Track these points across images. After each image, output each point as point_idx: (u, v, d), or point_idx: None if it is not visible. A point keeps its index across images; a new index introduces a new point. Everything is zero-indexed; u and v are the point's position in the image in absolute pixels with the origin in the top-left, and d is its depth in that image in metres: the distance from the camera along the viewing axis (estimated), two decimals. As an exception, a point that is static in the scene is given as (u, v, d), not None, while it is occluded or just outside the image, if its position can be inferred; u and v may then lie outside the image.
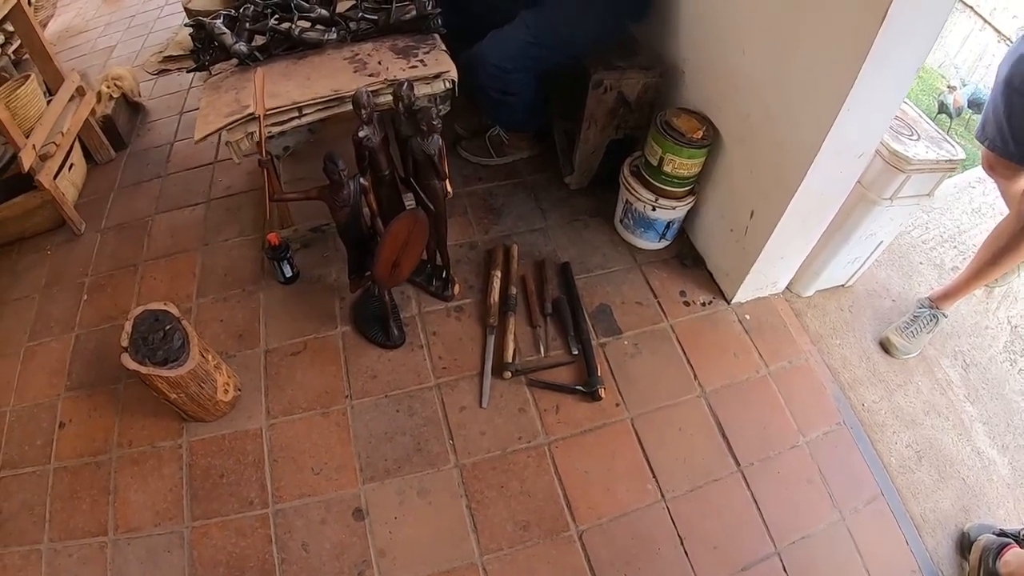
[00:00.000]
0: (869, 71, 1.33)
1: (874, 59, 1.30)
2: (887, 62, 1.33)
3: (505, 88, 1.99)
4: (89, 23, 3.93)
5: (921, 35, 1.34)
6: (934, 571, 1.61)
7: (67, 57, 3.34)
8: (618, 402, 1.78)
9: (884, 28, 1.24)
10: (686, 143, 1.81)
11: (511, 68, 1.92)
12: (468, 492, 1.61)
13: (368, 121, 1.52)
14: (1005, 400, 1.99)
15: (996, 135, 1.84)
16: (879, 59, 1.31)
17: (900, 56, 1.35)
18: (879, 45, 1.28)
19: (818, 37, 1.43)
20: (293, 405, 1.76)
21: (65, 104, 2.33)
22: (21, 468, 1.72)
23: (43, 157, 2.19)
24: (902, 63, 1.38)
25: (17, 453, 1.75)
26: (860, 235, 1.90)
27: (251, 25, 1.81)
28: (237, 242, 2.20)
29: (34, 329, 2.04)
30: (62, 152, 2.27)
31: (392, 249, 1.54)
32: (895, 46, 1.30)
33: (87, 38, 3.75)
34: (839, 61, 1.37)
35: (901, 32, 1.27)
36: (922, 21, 1.29)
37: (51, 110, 2.26)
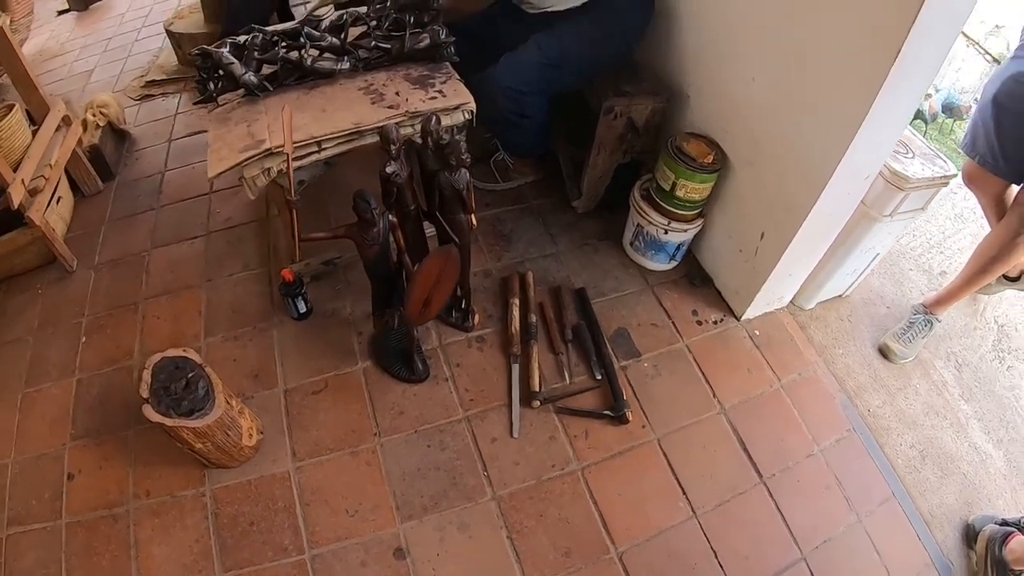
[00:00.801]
0: (882, 101, 1.39)
1: (888, 89, 1.36)
2: (899, 90, 1.39)
3: (522, 111, 1.99)
4: (64, 46, 3.78)
5: (930, 63, 1.40)
6: (945, 563, 1.70)
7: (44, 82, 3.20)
8: (644, 424, 1.81)
9: (899, 60, 1.30)
10: (698, 168, 1.85)
11: (527, 91, 1.93)
12: (508, 523, 1.61)
13: (396, 156, 1.51)
14: (996, 397, 2.11)
15: (987, 152, 1.94)
16: (892, 88, 1.36)
17: (911, 84, 1.41)
18: (893, 75, 1.33)
19: (833, 69, 1.47)
20: (320, 446, 1.73)
21: (52, 134, 2.24)
22: (30, 524, 1.64)
23: (32, 192, 2.09)
24: (912, 90, 1.44)
25: (24, 508, 1.66)
26: (861, 249, 1.98)
27: (260, 54, 1.76)
28: (242, 276, 2.14)
29: (31, 374, 1.95)
30: (51, 186, 2.18)
31: (424, 287, 1.54)
32: (907, 76, 1.35)
33: (63, 62, 3.60)
34: (855, 91, 1.42)
35: (913, 62, 1.32)
36: (932, 50, 1.35)
37: (38, 141, 2.17)
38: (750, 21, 1.69)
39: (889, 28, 1.29)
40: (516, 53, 1.92)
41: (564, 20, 1.94)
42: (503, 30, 1.98)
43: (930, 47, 1.33)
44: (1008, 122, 1.87)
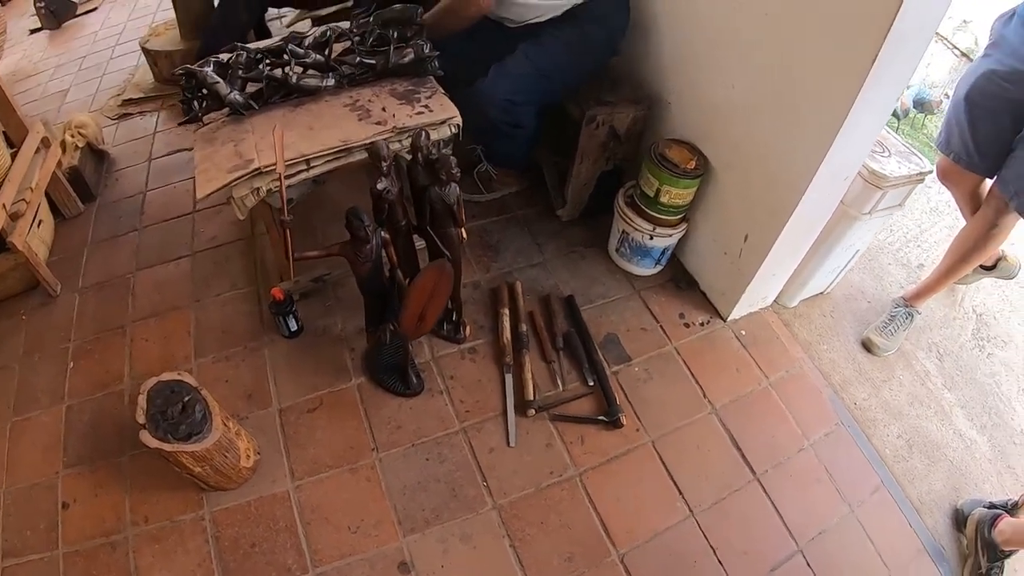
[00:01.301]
0: (860, 104, 1.43)
1: (866, 93, 1.40)
2: (876, 94, 1.43)
3: (516, 121, 2.00)
4: (37, 65, 3.71)
5: (906, 67, 1.45)
6: (937, 548, 1.75)
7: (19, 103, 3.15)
8: (638, 427, 1.84)
9: (875, 65, 1.34)
10: (681, 174, 1.88)
11: (520, 100, 1.94)
12: (510, 532, 1.63)
13: (387, 173, 1.52)
14: (978, 384, 2.17)
15: (962, 149, 1.99)
16: (870, 92, 1.40)
17: (888, 87, 1.45)
18: (871, 80, 1.37)
19: (812, 75, 1.51)
20: (318, 464, 1.73)
21: (31, 157, 2.20)
22: (27, 556, 1.60)
23: (13, 216, 2.05)
24: (888, 93, 1.49)
25: (19, 540, 1.63)
26: (841, 247, 2.03)
27: (244, 73, 1.74)
28: (230, 296, 2.13)
29: (18, 402, 1.91)
30: (32, 209, 2.14)
31: (419, 302, 1.54)
32: (884, 80, 1.40)
33: (37, 81, 3.54)
34: (834, 95, 1.46)
35: (889, 67, 1.37)
36: (908, 53, 1.40)
37: (18, 165, 2.13)
38: (728, 28, 1.72)
39: (866, 35, 1.33)
40: (505, 64, 1.93)
41: (547, 30, 1.96)
42: (485, 44, 1.98)
43: (906, 52, 1.38)
44: (981, 119, 1.93)
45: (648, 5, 2.00)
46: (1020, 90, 1.80)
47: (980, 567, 1.70)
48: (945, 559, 1.75)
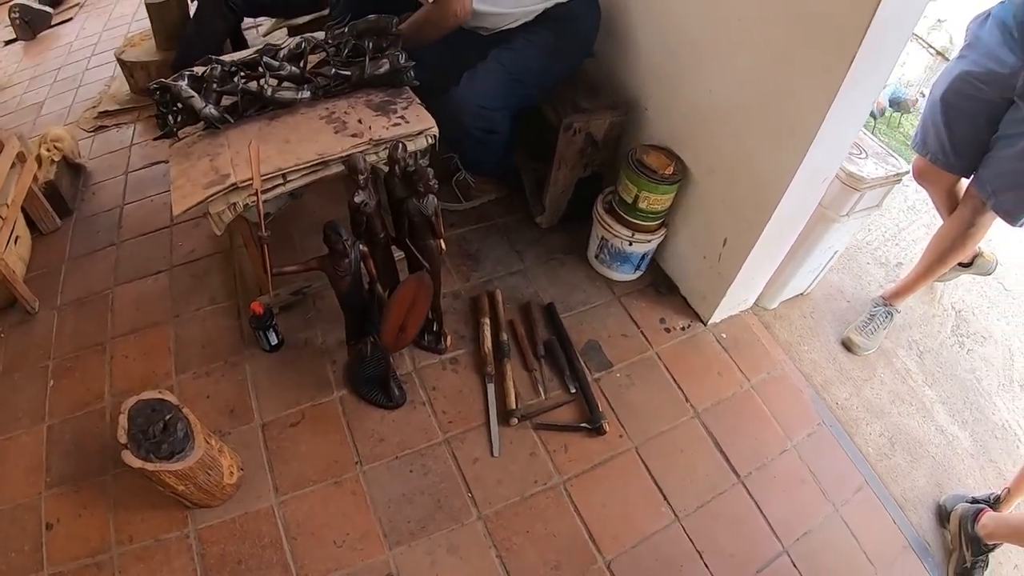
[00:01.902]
0: (837, 107, 1.44)
1: (842, 96, 1.41)
2: (853, 97, 1.45)
3: (491, 127, 2.00)
4: (11, 78, 3.65)
5: (882, 68, 1.47)
6: (921, 544, 1.78)
7: (-8, 117, 3.13)
8: (621, 433, 1.85)
9: (852, 69, 1.36)
10: (659, 180, 1.89)
11: (495, 106, 1.94)
12: (496, 542, 1.63)
13: (364, 186, 1.51)
14: (958, 379, 2.20)
15: (938, 149, 2.02)
16: (847, 95, 1.42)
17: (864, 90, 1.47)
18: (847, 83, 1.39)
19: (788, 79, 1.53)
20: (302, 478, 1.72)
21: (6, 172, 2.16)
22: None
23: (-10, 232, 2.03)
24: (865, 95, 1.51)
25: (3, 562, 1.60)
26: (820, 249, 2.05)
27: (219, 86, 1.73)
28: (210, 311, 2.11)
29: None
30: (8, 225, 2.11)
31: (399, 314, 1.54)
32: (861, 83, 1.42)
33: (12, 94, 3.48)
34: (810, 99, 1.48)
35: (866, 68, 1.38)
36: (884, 56, 1.42)
37: (-7, 180, 2.10)
38: (704, 34, 1.74)
39: (842, 38, 1.34)
40: (477, 71, 1.93)
41: (520, 35, 1.96)
42: (460, 53, 1.97)
43: (882, 55, 1.40)
44: (957, 120, 1.95)
45: (624, 12, 2.01)
46: (996, 91, 1.83)
47: (965, 561, 1.72)
48: (930, 555, 1.77)
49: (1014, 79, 1.76)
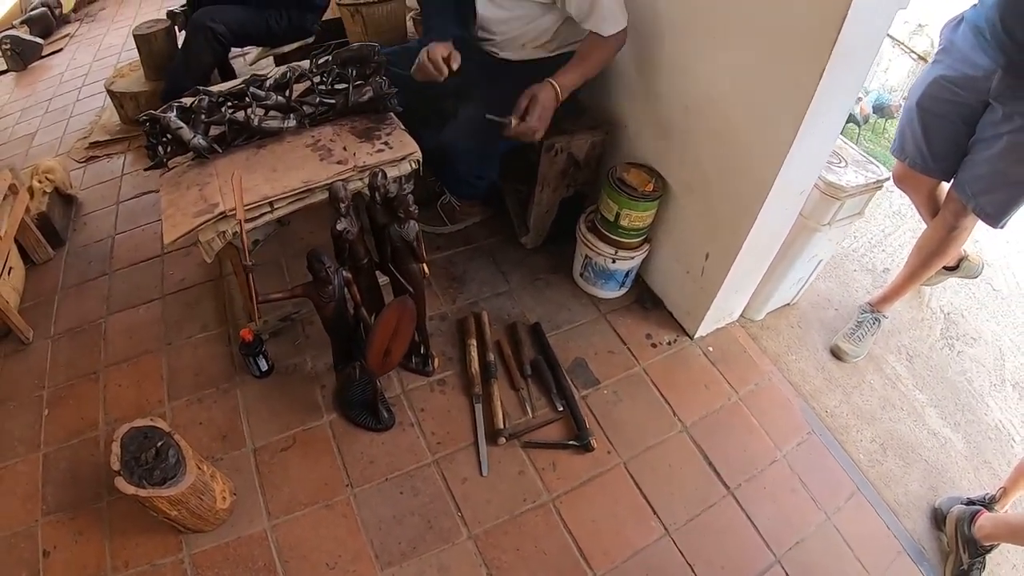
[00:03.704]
0: (811, 119, 1.46)
1: (815, 107, 1.44)
2: (826, 107, 1.46)
3: (481, 173, 2.03)
4: (3, 109, 3.70)
5: (852, 81, 1.49)
6: (917, 549, 1.77)
7: (-16, 149, 3.17)
8: (609, 449, 1.86)
9: (823, 80, 1.38)
10: (640, 197, 1.91)
11: (491, 152, 1.96)
12: (486, 560, 1.63)
13: (346, 213, 1.54)
14: (949, 382, 2.21)
15: (916, 154, 2.03)
16: (819, 106, 1.44)
17: (837, 100, 1.49)
18: (819, 95, 1.41)
19: (761, 93, 1.56)
20: (293, 502, 1.73)
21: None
22: None
23: (-17, 265, 2.06)
24: (838, 105, 1.53)
25: None
26: (804, 259, 2.06)
27: (207, 117, 1.76)
28: (202, 338, 2.13)
29: (-5, 452, 1.90)
30: (2, 256, 2.14)
31: (383, 338, 1.56)
32: (833, 93, 1.44)
33: (3, 125, 3.53)
34: (784, 112, 1.50)
35: (836, 81, 1.40)
36: (854, 69, 1.44)
37: (-13, 213, 2.13)
38: (677, 50, 1.77)
39: (812, 51, 1.37)
40: (471, 117, 1.90)
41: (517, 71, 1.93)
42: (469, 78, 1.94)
43: (852, 65, 1.42)
44: (934, 124, 1.96)
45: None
46: (971, 94, 1.84)
47: (962, 563, 1.71)
48: (926, 559, 1.76)
49: (988, 82, 1.78)
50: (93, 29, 4.54)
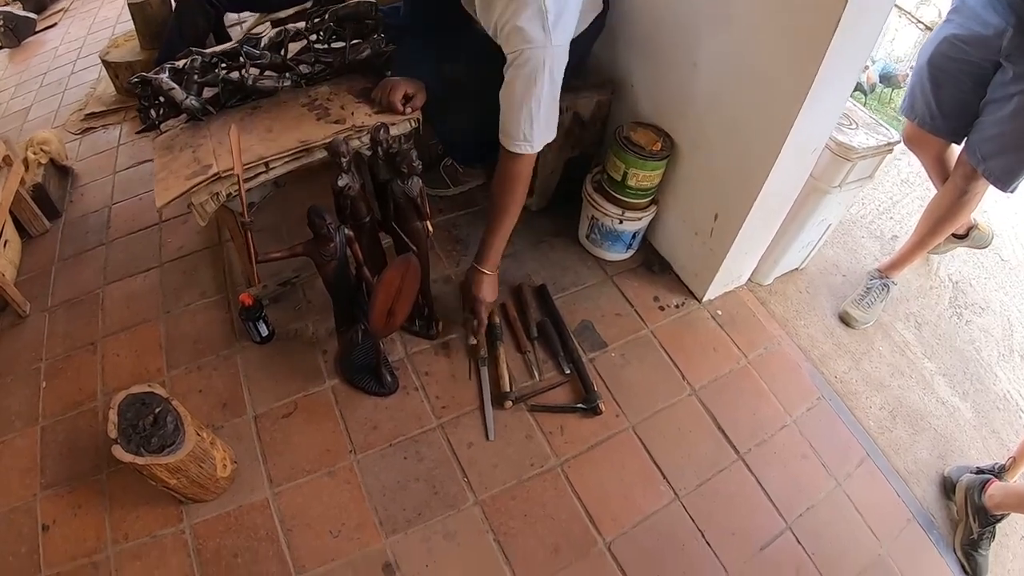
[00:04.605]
0: (824, 74, 1.42)
1: (829, 62, 1.39)
2: (840, 62, 1.42)
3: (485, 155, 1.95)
4: (-3, 85, 3.66)
5: (868, 34, 1.45)
6: (926, 517, 1.76)
7: (-22, 124, 3.12)
8: (618, 413, 1.83)
9: (837, 33, 1.33)
10: (648, 156, 1.87)
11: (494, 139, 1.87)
12: (493, 527, 1.61)
13: (347, 169, 1.49)
14: (958, 351, 2.18)
15: (926, 113, 2.01)
16: (833, 61, 1.39)
17: (851, 55, 1.45)
18: (833, 48, 1.36)
19: (773, 48, 1.51)
20: (296, 469, 1.70)
21: (-7, 177, 2.16)
22: None
23: (-24, 239, 2.02)
24: (852, 61, 1.49)
25: (1, 567, 1.59)
26: (813, 222, 2.03)
27: (200, 77, 1.72)
28: (201, 305, 2.09)
29: (-8, 427, 1.87)
30: (-3, 230, 2.11)
31: (386, 298, 1.52)
32: (847, 48, 1.39)
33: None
34: (796, 67, 1.46)
35: (850, 36, 1.36)
36: (868, 22, 1.39)
37: (-21, 185, 2.09)
38: (686, 7, 1.71)
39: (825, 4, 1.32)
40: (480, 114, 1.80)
41: None
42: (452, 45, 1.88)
43: (866, 19, 1.37)
44: (944, 83, 1.94)
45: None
46: (981, 53, 1.82)
47: (972, 532, 1.70)
48: (935, 527, 1.75)
49: (999, 40, 1.75)
50: (87, 3, 4.45)
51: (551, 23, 1.44)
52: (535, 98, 1.52)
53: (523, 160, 1.65)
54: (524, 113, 1.55)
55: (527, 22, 1.44)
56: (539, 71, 1.49)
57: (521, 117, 1.56)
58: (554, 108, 1.60)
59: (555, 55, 1.49)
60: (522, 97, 1.53)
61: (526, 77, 1.50)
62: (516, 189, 1.71)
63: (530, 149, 1.62)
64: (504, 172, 1.69)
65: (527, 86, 1.51)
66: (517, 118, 1.56)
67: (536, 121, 1.57)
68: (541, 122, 1.58)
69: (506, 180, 1.69)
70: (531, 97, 1.52)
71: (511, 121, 1.58)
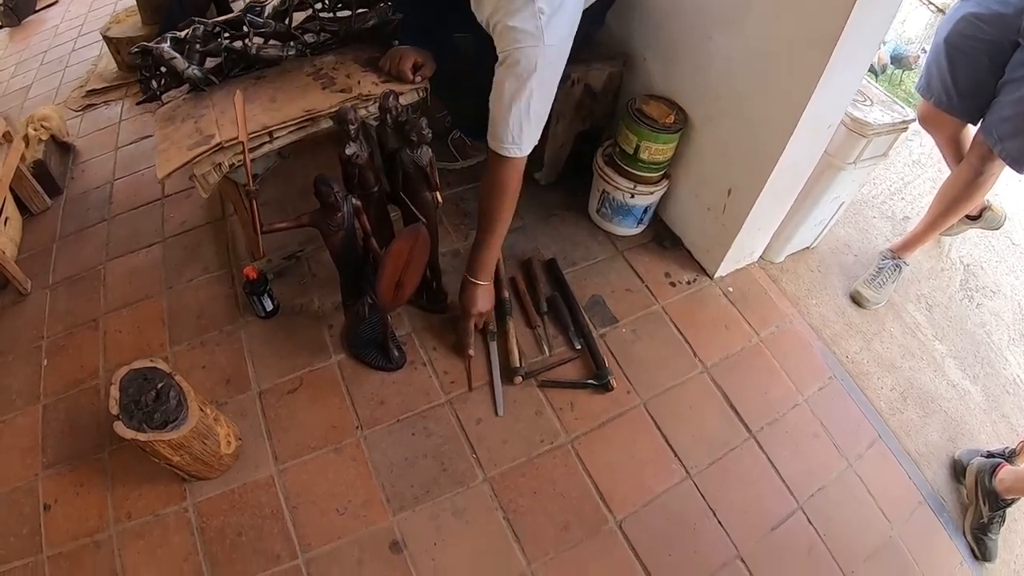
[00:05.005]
0: (841, 50, 1.39)
1: (847, 35, 1.36)
2: (858, 37, 1.39)
3: None
4: (-3, 65, 3.62)
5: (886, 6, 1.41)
6: (937, 499, 1.75)
7: (-21, 104, 3.08)
8: (629, 389, 1.80)
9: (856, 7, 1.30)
10: (660, 129, 1.83)
11: None
12: (503, 504, 1.58)
13: (355, 137, 1.46)
14: (969, 334, 2.16)
15: (942, 92, 1.99)
16: (851, 35, 1.37)
17: (869, 29, 1.42)
18: (851, 22, 1.34)
19: (791, 20, 1.47)
20: (301, 446, 1.67)
21: (-8, 152, 2.12)
22: (10, 563, 1.53)
23: (-24, 216, 1.99)
24: (871, 34, 1.45)
25: (2, 547, 1.56)
26: (827, 199, 2.00)
27: (202, 47, 1.68)
28: (203, 280, 2.06)
29: (-7, 407, 1.84)
30: (-3, 207, 2.08)
31: (395, 269, 1.48)
32: (864, 23, 1.37)
33: (-3, 80, 3.44)
34: (815, 40, 1.43)
35: (869, 9, 1.33)
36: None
37: (-22, 162, 2.05)
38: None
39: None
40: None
41: None
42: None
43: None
44: (961, 62, 1.92)
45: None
46: (999, 32, 1.80)
47: (982, 516, 1.69)
48: (945, 510, 1.74)
49: (1018, 20, 1.74)
50: (88, -19, 4.41)
51: (544, 22, 1.37)
52: (525, 100, 1.45)
53: (512, 164, 1.57)
54: (513, 115, 1.47)
55: (520, 21, 1.37)
56: (530, 72, 1.41)
57: (510, 119, 1.48)
58: (545, 110, 1.53)
59: (548, 56, 1.42)
60: (511, 98, 1.45)
61: (516, 78, 1.43)
62: (505, 195, 1.64)
63: (519, 152, 1.55)
64: (493, 177, 1.61)
65: (517, 88, 1.44)
66: (506, 119, 1.48)
67: (527, 124, 1.49)
68: (532, 125, 1.51)
69: (495, 186, 1.62)
70: (521, 99, 1.45)
71: (500, 123, 1.50)
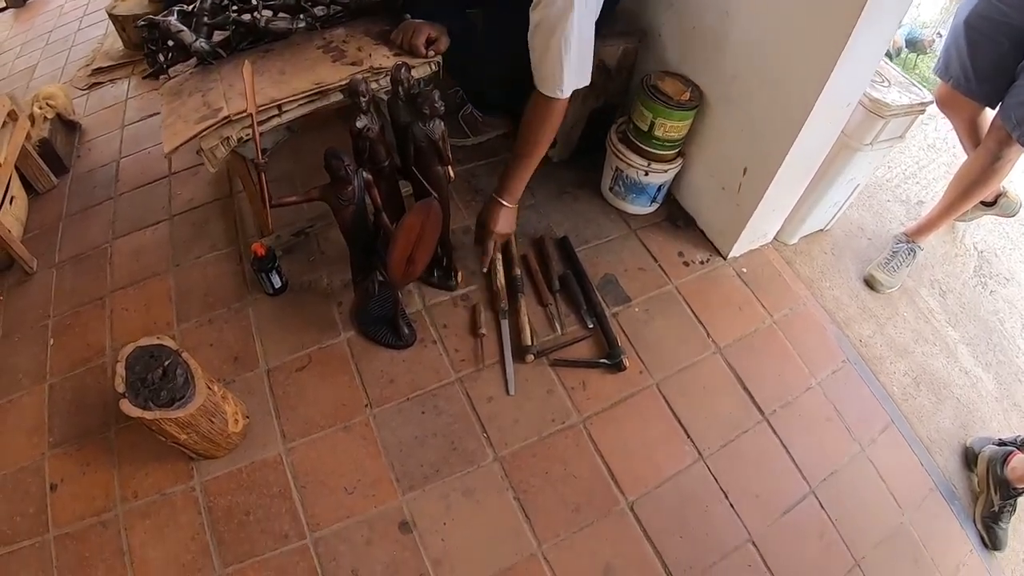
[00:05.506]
0: (862, 26, 1.37)
1: (868, 11, 1.33)
2: (878, 15, 1.36)
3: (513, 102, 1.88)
4: (3, 44, 3.59)
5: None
6: (948, 487, 1.73)
7: (-16, 83, 3.06)
8: (641, 369, 1.78)
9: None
10: (676, 106, 1.80)
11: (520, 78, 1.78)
12: (513, 484, 1.57)
13: (366, 110, 1.43)
14: (982, 321, 2.14)
15: (960, 74, 1.97)
16: (871, 13, 1.34)
17: (889, 8, 1.39)
18: (872, 1, 1.31)
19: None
20: (310, 424, 1.65)
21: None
22: (17, 543, 1.52)
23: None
24: (890, 14, 1.43)
25: (8, 527, 1.55)
26: (842, 181, 1.98)
27: (210, 19, 1.66)
28: (211, 258, 2.03)
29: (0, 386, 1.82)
30: (2, 186, 2.05)
31: (406, 245, 1.46)
32: (885, 1, 1.33)
33: (3, 60, 3.42)
34: (835, 19, 1.40)
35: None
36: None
37: (-16, 140, 2.03)
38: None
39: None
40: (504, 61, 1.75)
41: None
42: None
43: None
44: (980, 44, 1.90)
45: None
46: (1020, 15, 1.77)
47: (992, 505, 1.68)
48: (956, 497, 1.73)
49: None
50: (94, -39, 4.38)
51: None
52: (564, 40, 1.45)
53: (555, 103, 1.60)
54: (552, 55, 1.48)
55: None
56: (567, 11, 1.42)
57: (549, 59, 1.49)
58: (586, 52, 1.54)
59: None
60: (548, 39, 1.46)
61: (553, 18, 1.43)
62: (546, 128, 1.66)
63: (560, 94, 1.56)
64: (535, 112, 1.63)
65: (553, 28, 1.44)
66: (545, 60, 1.50)
67: (566, 65, 1.50)
68: (572, 66, 1.51)
69: (535, 119, 1.64)
70: (560, 39, 1.45)
71: (541, 64, 1.52)
